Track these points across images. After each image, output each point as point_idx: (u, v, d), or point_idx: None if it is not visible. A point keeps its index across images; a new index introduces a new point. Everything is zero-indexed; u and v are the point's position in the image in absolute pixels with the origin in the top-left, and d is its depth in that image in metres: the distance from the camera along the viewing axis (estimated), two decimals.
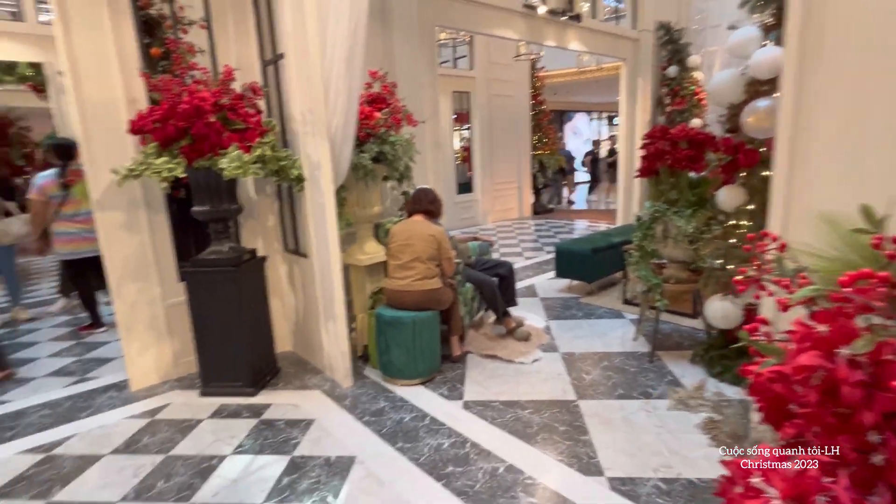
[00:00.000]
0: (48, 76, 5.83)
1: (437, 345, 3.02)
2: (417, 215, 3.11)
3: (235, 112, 2.61)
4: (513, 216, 9.87)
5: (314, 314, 3.14)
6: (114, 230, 2.92)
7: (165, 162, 2.47)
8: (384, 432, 2.43)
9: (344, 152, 2.80)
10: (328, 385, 2.98)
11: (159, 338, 3.14)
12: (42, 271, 6.92)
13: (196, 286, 2.81)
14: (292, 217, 3.25)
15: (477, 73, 8.80)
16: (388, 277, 3.02)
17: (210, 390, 2.93)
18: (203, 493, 2.06)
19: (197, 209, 2.76)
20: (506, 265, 3.72)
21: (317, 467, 2.18)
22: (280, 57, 2.94)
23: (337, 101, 2.64)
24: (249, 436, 2.48)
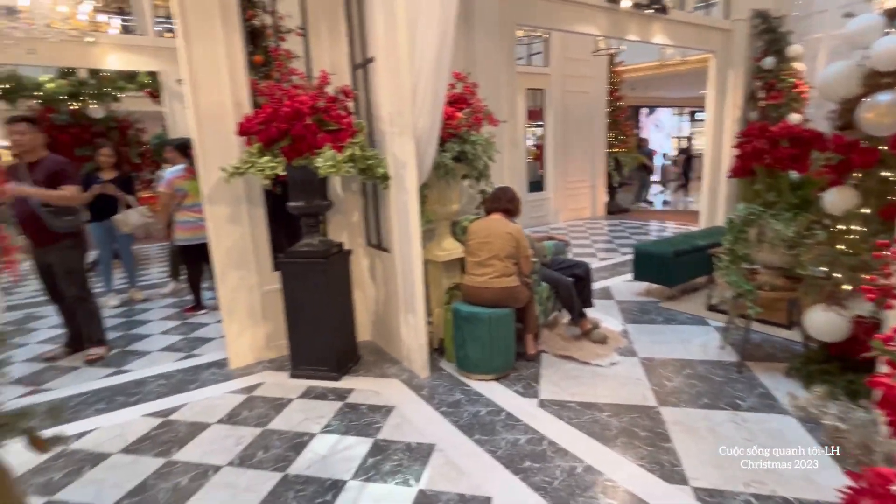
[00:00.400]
0: (162, 83, 6.50)
1: (513, 342, 3.05)
2: (496, 213, 3.15)
3: (329, 114, 2.79)
4: (585, 216, 9.63)
5: (394, 307, 3.28)
6: (220, 222, 3.22)
7: (268, 161, 2.70)
8: (461, 423, 2.50)
9: (428, 151, 2.90)
10: (406, 375, 3.11)
11: (255, 322, 3.43)
12: (150, 258, 7.74)
13: (290, 276, 3.04)
14: (376, 213, 3.41)
15: (552, 70, 8.67)
16: (466, 274, 3.09)
17: (299, 372, 3.16)
18: (297, 465, 2.24)
19: (292, 204, 2.98)
20: (583, 265, 3.67)
21: (399, 451, 2.30)
22: (370, 61, 3.10)
23: (424, 103, 2.74)
24: (335, 417, 2.65)
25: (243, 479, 2.17)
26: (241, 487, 2.11)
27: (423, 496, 1.99)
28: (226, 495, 2.06)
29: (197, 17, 2.96)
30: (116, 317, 4.71)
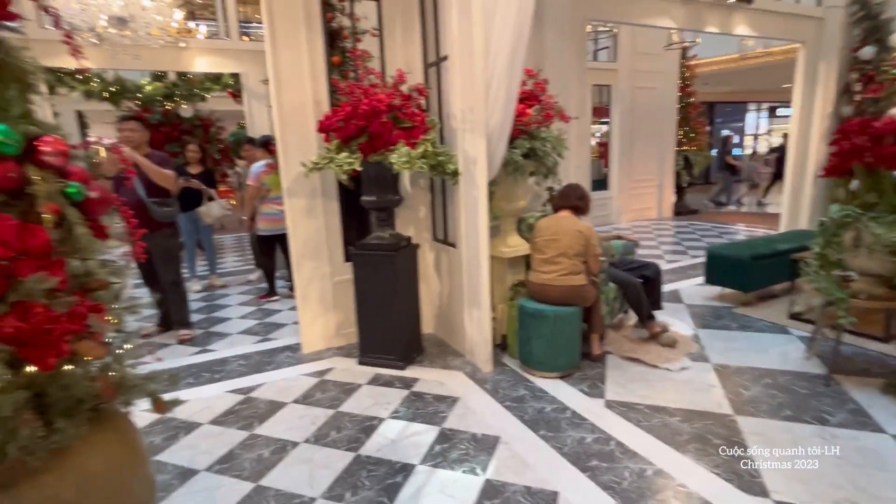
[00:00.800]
0: (244, 84, 6.94)
1: (578, 341, 3.02)
2: (564, 211, 3.13)
3: (404, 112, 2.89)
4: (650, 216, 9.27)
5: (458, 301, 3.34)
6: (298, 214, 3.42)
7: (346, 157, 2.83)
8: (526, 418, 2.52)
9: (499, 148, 2.93)
10: (469, 368, 3.16)
11: (326, 310, 3.61)
12: (226, 247, 8.29)
13: (361, 267, 3.18)
14: (443, 209, 3.48)
15: (620, 65, 8.41)
16: (532, 271, 3.09)
17: (366, 360, 3.29)
18: (367, 447, 2.35)
19: (366, 198, 3.11)
20: (652, 266, 3.56)
21: (464, 441, 2.35)
22: (443, 59, 3.16)
23: (497, 100, 2.77)
24: (402, 404, 2.75)
25: (319, 455, 2.30)
26: (317, 463, 2.24)
27: (489, 486, 2.03)
28: (304, 469, 2.20)
29: (283, 21, 3.15)
30: (199, 301, 5.10)
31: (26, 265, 0.99)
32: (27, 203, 1.07)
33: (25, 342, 0.99)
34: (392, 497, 1.99)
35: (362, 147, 2.82)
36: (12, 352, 0.98)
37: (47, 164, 1.08)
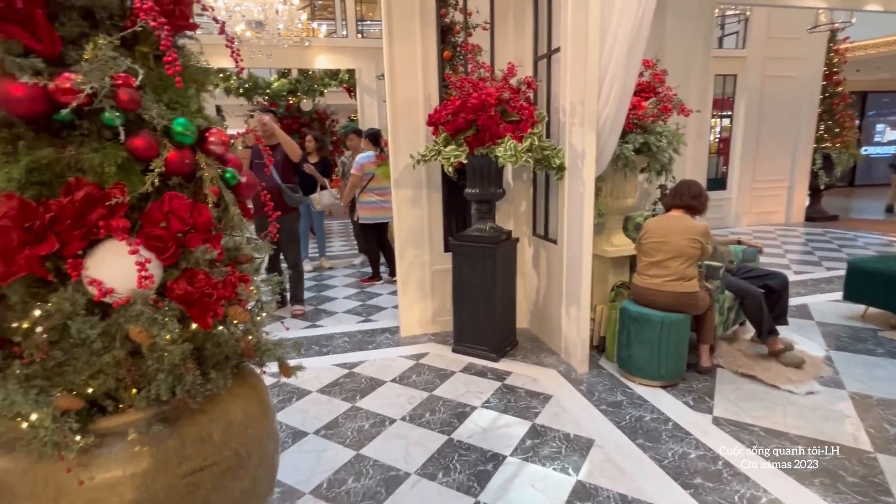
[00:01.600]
0: (357, 80, 7.39)
1: (685, 350, 2.82)
2: (676, 210, 2.92)
3: (512, 105, 2.89)
4: (776, 221, 8.31)
5: (556, 298, 3.28)
6: (404, 204, 3.58)
7: (453, 150, 2.90)
8: (623, 425, 2.42)
9: (609, 142, 2.82)
10: (563, 367, 3.10)
11: (424, 297, 3.75)
12: (334, 232, 8.91)
13: (460, 257, 3.25)
14: (545, 204, 3.43)
15: (749, 52, 7.59)
16: (638, 274, 2.94)
17: (460, 348, 3.37)
18: (459, 432, 2.42)
19: (469, 191, 3.17)
20: (778, 276, 3.20)
21: (557, 439, 2.33)
22: (554, 51, 3.10)
23: (611, 92, 2.67)
24: (494, 395, 2.78)
25: (414, 434, 2.42)
26: (412, 441, 2.36)
27: (581, 487, 1.99)
28: (399, 445, 2.33)
29: (400, 17, 3.29)
30: (309, 280, 5.55)
31: (195, 238, 1.17)
32: (196, 185, 1.26)
33: (191, 303, 1.16)
34: (482, 484, 2.03)
35: (469, 140, 2.88)
36: (181, 311, 1.16)
37: (212, 152, 1.26)
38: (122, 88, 1.03)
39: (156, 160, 1.13)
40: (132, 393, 1.18)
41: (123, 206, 1.07)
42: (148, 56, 1.19)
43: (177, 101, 1.20)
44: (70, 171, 1.07)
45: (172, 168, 1.16)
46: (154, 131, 1.14)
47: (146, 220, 1.13)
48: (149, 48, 1.20)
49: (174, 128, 1.15)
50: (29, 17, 0.99)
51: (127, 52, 1.13)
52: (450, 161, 2.90)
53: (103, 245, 1.07)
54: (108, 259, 1.06)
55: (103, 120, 1.05)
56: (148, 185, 1.11)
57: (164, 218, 1.13)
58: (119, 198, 1.06)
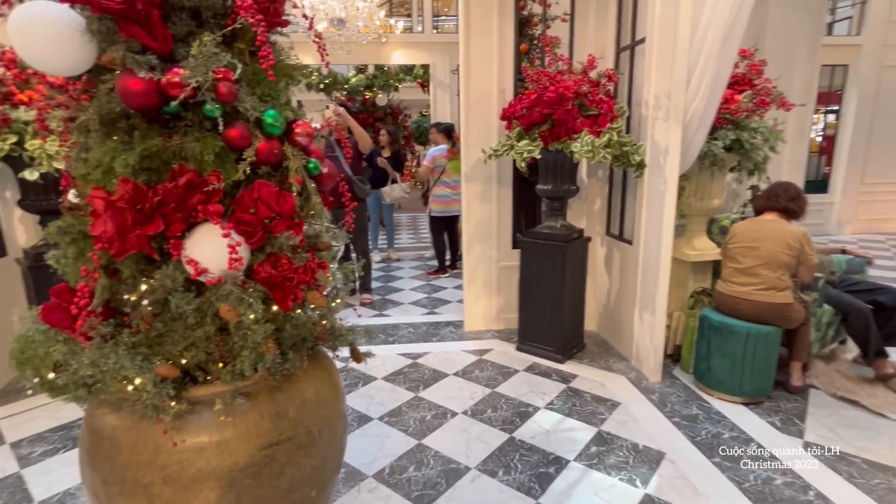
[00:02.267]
0: (431, 75, 7.47)
1: (773, 366, 2.59)
2: (770, 213, 2.68)
3: (591, 98, 2.78)
4: (888, 229, 7.41)
5: (628, 302, 3.14)
6: (473, 199, 3.57)
7: (526, 144, 2.85)
8: (698, 441, 2.27)
9: (696, 139, 2.64)
10: (633, 374, 2.96)
11: (489, 293, 3.73)
12: (402, 225, 9.11)
13: (529, 255, 3.19)
14: (621, 203, 3.28)
15: (865, 39, 6.78)
16: (723, 280, 2.73)
17: (524, 347, 3.32)
18: (522, 431, 2.39)
19: (541, 187, 3.10)
20: (890, 292, 2.85)
21: (624, 448, 2.23)
22: (638, 42, 2.94)
23: (700, 85, 2.49)
24: (559, 397, 2.71)
25: (475, 429, 2.42)
26: (473, 436, 2.36)
27: (650, 501, 1.89)
28: (461, 438, 2.34)
29: (478, 10, 3.27)
30: (377, 271, 5.71)
31: (280, 224, 1.23)
32: (281, 174, 1.32)
33: (274, 286, 1.23)
34: (543, 486, 1.99)
35: (544, 135, 2.81)
36: (265, 293, 1.23)
37: (298, 143, 1.32)
38: (222, 82, 1.11)
39: (248, 150, 1.20)
40: (219, 366, 1.27)
41: (219, 192, 1.15)
42: (244, 52, 1.27)
43: (268, 94, 1.27)
44: (174, 159, 1.16)
45: (262, 157, 1.23)
46: (247, 122, 1.21)
47: (237, 205, 1.20)
48: (245, 45, 1.27)
49: (265, 119, 1.22)
50: (147, 17, 1.09)
51: (226, 49, 1.20)
52: (522, 156, 2.85)
53: (200, 228, 1.16)
54: (203, 241, 1.14)
55: (204, 111, 1.13)
56: (241, 172, 1.18)
57: (254, 204, 1.20)
58: (215, 184, 1.13)
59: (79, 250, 1.19)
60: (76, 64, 1.09)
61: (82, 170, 1.15)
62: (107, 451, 1.20)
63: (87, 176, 1.14)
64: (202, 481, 1.17)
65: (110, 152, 1.12)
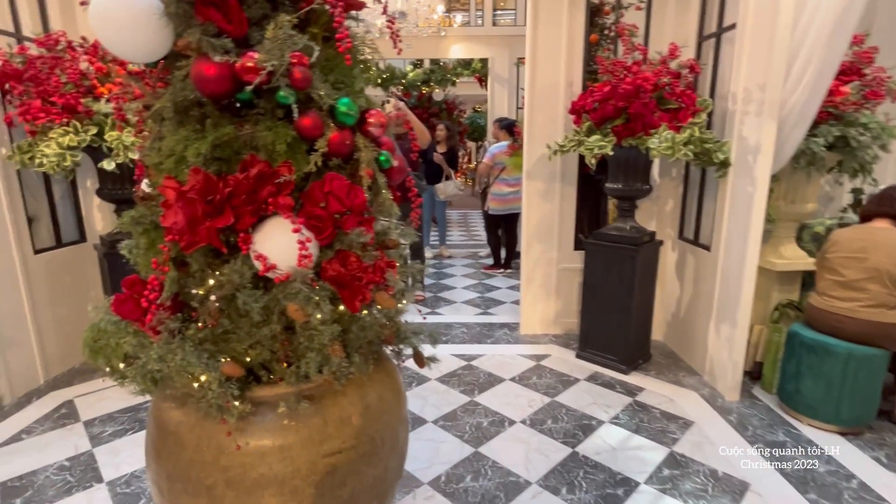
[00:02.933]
0: (490, 69, 7.33)
1: (877, 393, 2.29)
2: (881, 221, 2.36)
3: (671, 91, 2.56)
4: None
5: (703, 312, 2.89)
6: (534, 197, 3.42)
7: (597, 140, 2.67)
8: (788, 473, 2.03)
9: (793, 135, 2.37)
10: (707, 391, 2.72)
11: (548, 295, 3.57)
12: (454, 223, 9.03)
13: (594, 257, 3.01)
14: (698, 204, 3.03)
15: None
16: (818, 294, 2.45)
17: (585, 355, 3.15)
18: (585, 446, 2.23)
19: (611, 186, 2.91)
20: None
21: (701, 474, 2.03)
22: (726, 29, 2.69)
23: (803, 75, 2.22)
24: (624, 411, 2.53)
25: (535, 440, 2.29)
26: (532, 447, 2.23)
27: None
28: (520, 449, 2.21)
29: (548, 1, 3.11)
30: (428, 268, 5.65)
31: (350, 220, 1.16)
32: (351, 167, 1.25)
33: (342, 285, 1.16)
34: None
35: (617, 130, 2.62)
36: (333, 292, 1.16)
37: (370, 134, 1.24)
38: (297, 67, 1.04)
39: (320, 140, 1.13)
40: (283, 366, 1.22)
41: (290, 185, 1.08)
42: (317, 37, 1.20)
43: (341, 81, 1.20)
44: (245, 149, 1.11)
45: (333, 148, 1.16)
46: (320, 111, 1.14)
47: (307, 199, 1.14)
48: (319, 29, 1.20)
49: (338, 107, 1.15)
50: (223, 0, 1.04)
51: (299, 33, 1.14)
52: (593, 153, 2.67)
53: (269, 222, 1.10)
54: (272, 235, 1.08)
55: (277, 98, 1.07)
56: (312, 164, 1.12)
57: (324, 198, 1.13)
58: (287, 176, 1.07)
59: (150, 241, 1.17)
60: (153, 49, 1.06)
61: (155, 159, 1.13)
62: (172, 446, 1.17)
63: (160, 165, 1.11)
64: (264, 487, 1.12)
65: (182, 141, 1.08)
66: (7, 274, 2.62)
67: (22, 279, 2.69)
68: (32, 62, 2.47)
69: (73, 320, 3.07)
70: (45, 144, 2.42)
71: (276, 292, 1.11)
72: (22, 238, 2.71)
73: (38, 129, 2.44)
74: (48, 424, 2.43)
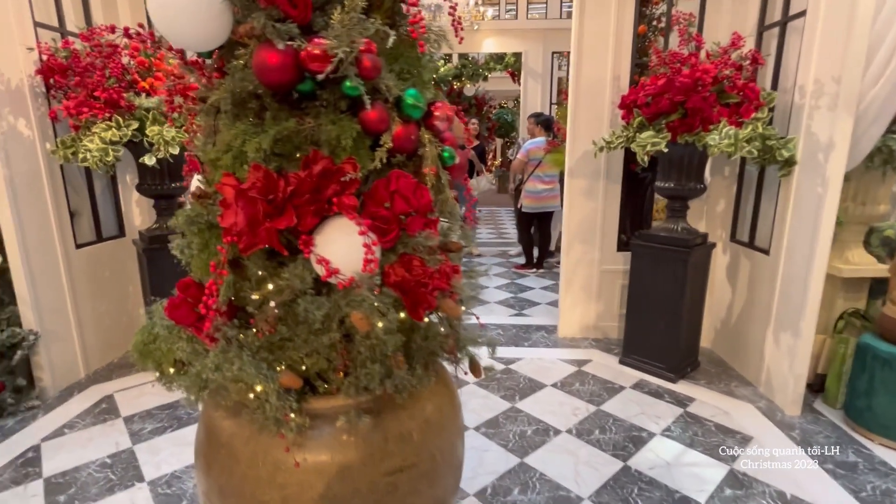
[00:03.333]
0: (524, 63, 7.17)
1: None
2: None
3: (732, 84, 2.40)
4: None
5: (757, 319, 2.73)
6: (576, 195, 3.29)
7: (651, 136, 2.53)
8: (863, 497, 1.88)
9: (870, 132, 2.19)
10: (763, 404, 2.57)
11: (588, 298, 3.44)
12: (482, 220, 8.91)
13: (642, 259, 2.87)
14: (754, 205, 2.85)
15: None
16: (893, 303, 2.26)
17: (629, 361, 3.01)
18: (637, 460, 2.11)
19: (662, 185, 2.76)
20: None
21: (768, 496, 1.89)
22: (794, 17, 2.51)
23: (887, 67, 2.05)
24: (676, 423, 2.40)
25: (583, 452, 2.18)
26: (581, 459, 2.12)
27: None
28: (568, 461, 2.11)
29: None
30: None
31: (416, 222, 1.07)
32: (414, 164, 1.17)
33: (406, 291, 1.08)
34: None
35: (673, 125, 2.47)
36: (396, 299, 1.08)
37: (436, 128, 1.15)
38: (366, 54, 0.96)
39: (385, 134, 1.05)
40: (339, 376, 1.14)
41: (355, 183, 1.00)
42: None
43: (408, 71, 1.11)
44: (305, 144, 1.04)
45: (397, 144, 1.08)
46: (385, 103, 1.06)
47: (370, 198, 1.06)
48: (381, 15, 1.11)
49: (405, 99, 1.06)
50: None
51: None
52: (645, 149, 2.53)
53: (330, 223, 1.02)
54: (335, 238, 1.00)
55: (344, 89, 0.98)
56: (377, 161, 1.03)
57: (389, 198, 1.04)
58: (352, 174, 0.99)
59: (204, 241, 1.10)
60: (212, 36, 0.99)
61: (211, 154, 1.06)
62: (224, 459, 1.11)
63: (217, 161, 1.04)
64: None
65: (240, 135, 1.01)
66: (50, 268, 2.63)
67: (64, 273, 2.70)
68: (77, 56, 2.46)
69: (113, 315, 3.08)
70: (88, 139, 2.41)
71: (337, 298, 1.03)
72: (64, 233, 2.72)
73: (81, 124, 2.44)
74: (89, 420, 2.43)
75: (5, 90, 2.40)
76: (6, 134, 2.40)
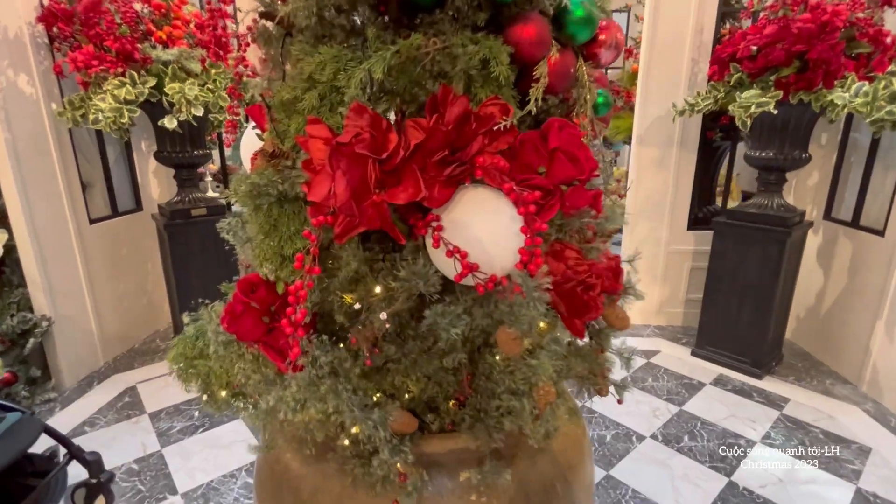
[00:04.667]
0: None
1: None
2: None
3: (864, 31, 2.00)
4: None
5: (861, 309, 2.39)
6: (645, 165, 2.91)
7: (755, 95, 2.13)
8: None
9: None
10: (869, 405, 2.25)
11: (653, 281, 3.10)
12: None
13: (726, 239, 2.52)
14: (862, 178, 2.47)
15: None
16: None
17: (703, 353, 2.70)
18: (742, 475, 1.82)
19: (755, 154, 2.38)
20: None
21: None
22: None
23: None
24: (775, 428, 2.09)
25: (675, 463, 1.88)
26: (676, 473, 1.83)
27: None
28: (661, 475, 1.82)
29: None
30: None
31: (580, 194, 0.74)
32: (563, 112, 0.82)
33: (563, 295, 0.75)
34: None
35: (785, 82, 2.08)
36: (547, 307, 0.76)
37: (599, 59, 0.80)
38: None
39: (539, 65, 0.70)
40: (450, 405, 0.84)
41: (510, 134, 0.66)
42: None
43: None
44: (425, 78, 0.70)
45: (551, 80, 0.73)
46: (541, 15, 0.71)
47: (514, 160, 0.72)
48: None
49: (572, 10, 0.71)
50: None
51: None
52: (748, 111, 2.13)
53: (466, 196, 0.68)
54: (473, 218, 0.67)
55: None
56: (531, 104, 0.69)
57: (548, 158, 0.70)
58: (506, 119, 0.65)
59: (271, 222, 0.77)
60: None
61: (285, 93, 0.72)
62: None
63: (295, 103, 0.71)
64: None
65: (332, 62, 0.67)
66: (63, 246, 2.34)
67: (78, 252, 2.41)
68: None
69: (132, 296, 2.81)
70: (99, 98, 2.07)
71: (473, 307, 0.71)
72: (77, 207, 2.42)
73: (91, 80, 2.10)
74: (112, 415, 2.18)
75: (2, 39, 2.06)
76: (5, 91, 2.07)
